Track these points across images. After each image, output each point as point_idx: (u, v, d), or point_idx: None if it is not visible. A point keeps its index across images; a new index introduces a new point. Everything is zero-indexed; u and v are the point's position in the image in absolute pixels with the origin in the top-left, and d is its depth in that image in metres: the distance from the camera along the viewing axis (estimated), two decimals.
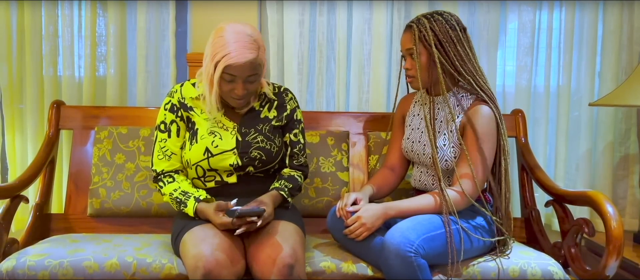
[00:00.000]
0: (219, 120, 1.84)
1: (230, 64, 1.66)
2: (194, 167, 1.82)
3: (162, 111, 1.86)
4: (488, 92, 1.82)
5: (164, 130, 1.85)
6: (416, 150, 1.90)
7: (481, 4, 2.51)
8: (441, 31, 1.77)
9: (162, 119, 1.85)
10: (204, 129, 1.82)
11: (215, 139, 1.81)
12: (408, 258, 1.60)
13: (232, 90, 1.72)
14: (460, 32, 1.80)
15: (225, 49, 1.66)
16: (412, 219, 1.71)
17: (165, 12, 2.49)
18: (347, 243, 1.85)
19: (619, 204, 2.60)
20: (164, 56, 2.53)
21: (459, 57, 1.79)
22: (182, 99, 1.85)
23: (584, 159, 2.55)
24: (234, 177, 1.84)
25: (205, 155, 1.80)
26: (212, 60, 1.69)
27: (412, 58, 1.82)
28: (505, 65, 2.60)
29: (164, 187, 1.83)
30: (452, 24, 1.79)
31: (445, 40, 1.78)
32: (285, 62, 2.52)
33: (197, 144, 1.81)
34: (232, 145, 1.81)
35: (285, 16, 2.51)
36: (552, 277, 1.76)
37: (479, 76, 1.82)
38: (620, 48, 2.52)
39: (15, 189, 2.00)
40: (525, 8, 2.54)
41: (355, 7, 2.51)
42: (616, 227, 1.72)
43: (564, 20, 2.54)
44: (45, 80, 2.48)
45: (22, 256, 1.74)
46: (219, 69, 1.67)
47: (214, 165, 1.80)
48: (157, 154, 1.85)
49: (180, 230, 1.76)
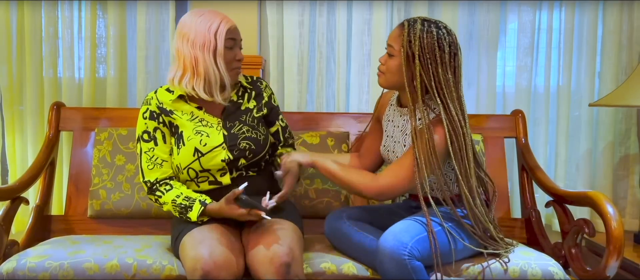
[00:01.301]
0: (201, 118, 1.81)
1: (229, 27, 1.73)
2: (185, 171, 1.78)
3: (141, 121, 1.80)
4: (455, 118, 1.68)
5: (148, 140, 1.79)
6: (392, 159, 1.86)
7: (481, 5, 2.51)
8: (428, 45, 1.67)
9: (143, 129, 1.79)
10: (190, 130, 1.78)
11: (202, 137, 1.77)
12: (402, 261, 1.59)
13: (234, 57, 1.77)
14: (449, 55, 1.69)
15: (213, 20, 1.72)
16: (404, 221, 1.70)
17: (165, 13, 2.49)
18: (345, 249, 1.85)
19: (619, 204, 2.59)
20: (164, 57, 2.53)
21: (436, 79, 1.68)
22: (160, 104, 1.80)
23: (584, 159, 2.55)
24: (227, 177, 1.81)
25: (195, 155, 1.76)
26: (207, 36, 1.70)
27: (389, 54, 1.77)
28: (505, 65, 2.60)
29: (163, 195, 1.77)
30: (442, 44, 1.68)
31: (428, 57, 1.67)
32: (285, 63, 2.53)
33: (185, 146, 1.77)
34: (220, 141, 1.78)
35: (285, 17, 2.51)
36: (552, 277, 1.76)
37: (452, 106, 1.68)
38: (620, 48, 2.52)
39: (16, 191, 2.00)
40: (525, 8, 2.54)
41: (355, 7, 2.51)
42: (616, 227, 1.71)
43: (563, 21, 2.54)
44: (45, 82, 2.48)
45: (23, 258, 1.74)
46: (222, 36, 1.71)
47: (206, 164, 1.77)
48: (146, 164, 1.78)
49: (179, 232, 1.76)
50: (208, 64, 1.72)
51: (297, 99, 2.53)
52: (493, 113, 2.48)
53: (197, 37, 1.71)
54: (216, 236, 1.66)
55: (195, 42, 1.71)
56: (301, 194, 2.17)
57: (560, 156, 2.54)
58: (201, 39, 1.71)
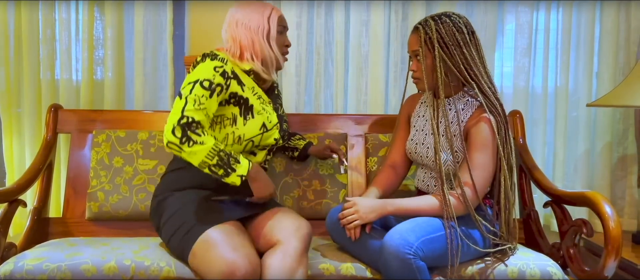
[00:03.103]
0: (260, 95, 1.87)
1: (280, 14, 1.85)
2: (245, 143, 1.80)
3: (209, 70, 1.69)
4: (492, 98, 1.78)
5: (207, 88, 1.67)
6: (420, 152, 1.89)
7: (478, 5, 2.51)
8: (447, 33, 1.75)
9: (208, 77, 1.68)
10: (258, 104, 1.84)
11: (268, 114, 1.85)
12: (407, 260, 1.60)
13: (284, 42, 1.88)
14: (468, 35, 1.77)
15: (265, 7, 1.83)
16: (411, 221, 1.71)
17: (162, 15, 2.49)
18: (346, 244, 1.85)
19: (617, 204, 2.60)
20: (161, 59, 2.53)
21: (464, 61, 1.76)
22: (234, 70, 1.78)
23: (582, 159, 2.55)
24: (262, 154, 1.89)
25: (261, 129, 1.81)
26: (261, 20, 1.80)
27: (417, 60, 1.82)
28: (503, 66, 2.60)
29: (203, 136, 1.62)
30: (459, 27, 1.77)
31: (451, 43, 1.75)
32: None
33: (253, 119, 1.80)
34: (276, 120, 1.88)
35: None
36: (550, 277, 1.76)
37: (484, 81, 1.78)
38: (618, 48, 2.52)
39: (13, 193, 2.00)
40: (522, 9, 2.54)
41: (352, 9, 2.51)
42: (614, 227, 1.72)
43: (561, 21, 2.54)
44: (42, 84, 2.48)
45: (20, 260, 1.74)
46: (275, 21, 1.82)
47: (264, 140, 1.84)
48: (194, 103, 1.63)
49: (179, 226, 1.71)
50: (263, 46, 1.81)
51: (295, 101, 2.54)
52: None
53: (252, 21, 1.81)
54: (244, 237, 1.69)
55: (251, 26, 1.81)
56: (300, 195, 2.17)
57: (558, 156, 2.55)
58: (256, 24, 1.81)
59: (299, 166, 2.20)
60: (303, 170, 2.19)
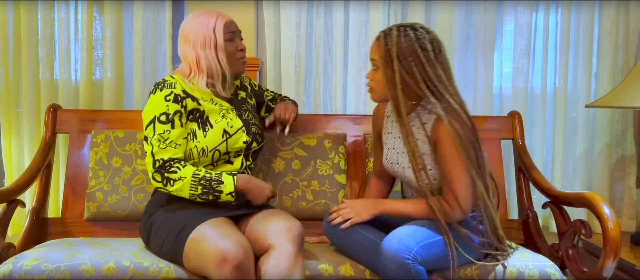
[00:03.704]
0: (220, 103, 1.86)
1: (226, 21, 1.81)
2: (211, 153, 1.80)
3: (160, 103, 1.75)
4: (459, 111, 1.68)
5: (165, 122, 1.73)
6: (397, 171, 1.85)
7: (477, 6, 2.51)
8: (409, 48, 1.66)
9: (162, 111, 1.74)
10: (216, 113, 1.83)
11: (228, 120, 1.84)
12: (406, 265, 1.59)
13: (236, 48, 1.84)
14: (433, 52, 1.67)
15: (209, 18, 1.80)
16: (409, 225, 1.70)
17: (162, 15, 2.49)
18: (344, 246, 1.84)
19: (616, 205, 2.60)
20: (160, 59, 2.53)
21: (426, 79, 1.66)
22: (184, 88, 1.80)
23: (581, 160, 2.56)
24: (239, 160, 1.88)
25: (223, 137, 1.81)
26: (206, 32, 1.78)
27: (374, 69, 1.76)
28: (502, 67, 2.60)
29: (180, 171, 1.70)
30: (423, 43, 1.66)
31: (411, 59, 1.66)
32: (282, 65, 2.53)
33: (212, 129, 1.80)
34: (240, 124, 1.87)
35: (282, 18, 2.51)
36: (549, 278, 1.76)
37: (450, 97, 1.68)
38: (617, 49, 2.52)
39: (12, 193, 1.99)
40: (521, 10, 2.54)
41: (352, 9, 2.51)
42: (613, 228, 1.72)
43: (560, 22, 2.54)
44: (41, 84, 2.47)
45: (19, 260, 1.73)
46: (220, 30, 1.79)
47: (231, 146, 1.83)
48: (158, 144, 1.71)
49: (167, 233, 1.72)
50: (210, 60, 1.79)
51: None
52: (490, 115, 2.49)
53: (197, 36, 1.79)
54: (233, 228, 1.69)
55: (196, 41, 1.79)
56: (299, 196, 2.17)
57: (557, 157, 2.55)
58: (201, 38, 1.79)
59: (298, 167, 2.20)
60: (302, 170, 2.19)
